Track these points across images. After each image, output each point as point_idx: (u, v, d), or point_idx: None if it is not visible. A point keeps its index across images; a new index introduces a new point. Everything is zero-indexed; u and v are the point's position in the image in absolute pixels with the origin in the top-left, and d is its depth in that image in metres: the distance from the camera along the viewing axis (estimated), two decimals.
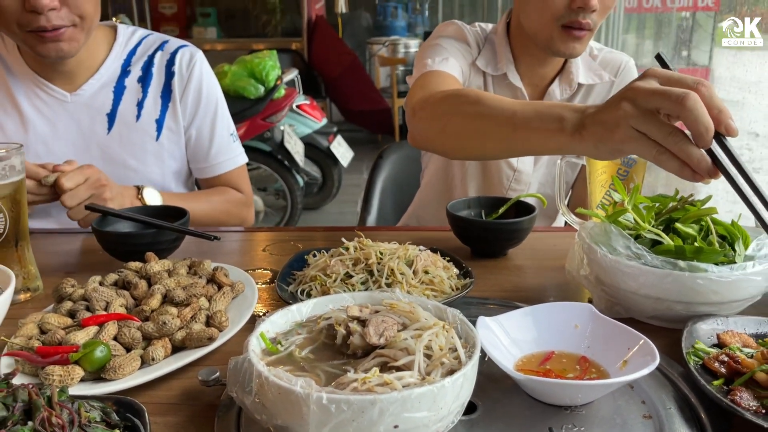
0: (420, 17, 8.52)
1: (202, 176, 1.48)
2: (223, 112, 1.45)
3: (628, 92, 0.71)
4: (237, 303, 0.86)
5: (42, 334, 0.75)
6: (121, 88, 1.35)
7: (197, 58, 1.42)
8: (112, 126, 1.34)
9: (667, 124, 0.68)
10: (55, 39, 1.17)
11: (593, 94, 1.41)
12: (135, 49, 1.39)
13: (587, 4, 1.17)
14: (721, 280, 0.76)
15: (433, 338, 0.63)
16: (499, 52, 1.37)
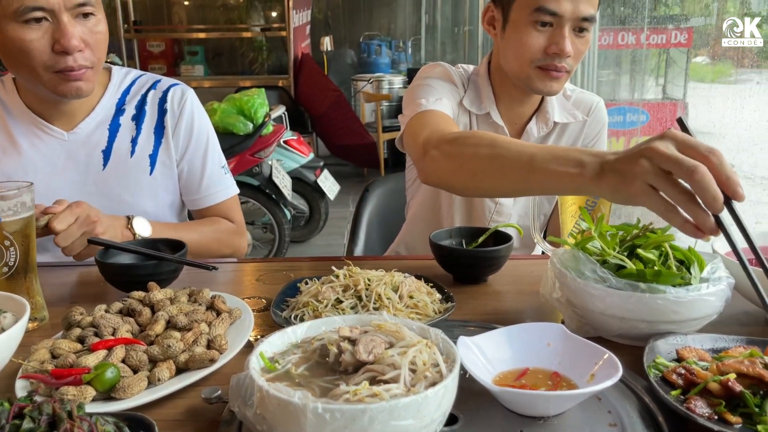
0: (403, 54, 8.73)
1: (194, 207, 1.54)
2: (213, 146, 1.52)
3: (647, 151, 0.76)
4: (235, 328, 0.92)
5: (54, 358, 0.80)
6: (116, 125, 1.42)
7: (188, 95, 1.48)
8: (107, 162, 1.40)
9: (679, 186, 0.75)
10: (77, 78, 1.24)
11: (567, 132, 1.51)
12: (129, 88, 1.46)
13: (562, 52, 1.28)
14: (679, 300, 0.83)
15: (417, 354, 0.69)
16: (482, 92, 1.46)
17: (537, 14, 1.27)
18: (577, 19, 1.27)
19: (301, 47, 6.76)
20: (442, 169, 1.10)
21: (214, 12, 8.43)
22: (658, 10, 4.20)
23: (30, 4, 1.15)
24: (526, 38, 1.30)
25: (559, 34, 1.28)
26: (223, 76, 7.43)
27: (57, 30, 1.19)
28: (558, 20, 1.27)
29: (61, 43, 1.19)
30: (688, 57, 4.43)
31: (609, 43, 4.10)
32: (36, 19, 1.17)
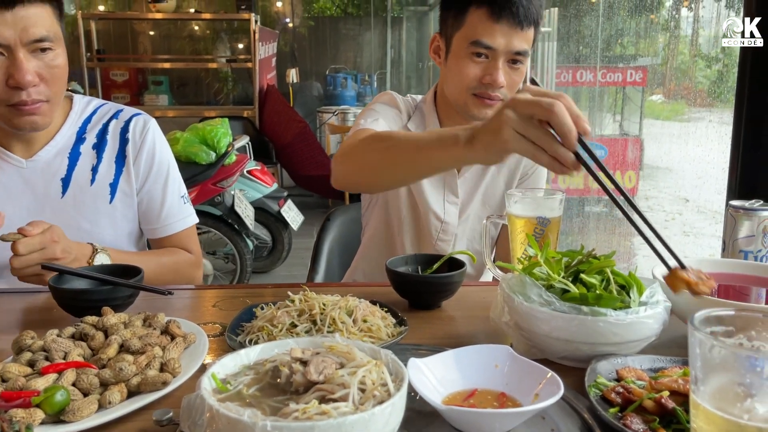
0: (369, 87, 8.86)
1: (152, 236, 1.54)
2: (174, 176, 1.53)
3: (510, 102, 0.88)
4: (189, 352, 0.92)
5: (2, 382, 0.80)
6: (76, 154, 1.42)
7: (150, 125, 1.50)
8: (66, 190, 1.40)
9: (540, 128, 0.85)
10: (31, 113, 1.26)
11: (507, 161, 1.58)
12: (90, 117, 1.46)
13: (495, 82, 1.37)
14: (619, 323, 0.87)
15: (366, 374, 0.71)
16: (426, 118, 1.55)
17: (473, 47, 1.37)
18: (510, 52, 1.37)
19: (267, 79, 6.81)
20: (348, 170, 1.26)
21: (179, 42, 8.46)
22: (614, 50, 4.36)
23: None
24: (464, 68, 1.39)
25: (493, 66, 1.37)
26: (188, 106, 7.42)
27: (12, 65, 1.20)
28: (492, 53, 1.36)
29: (15, 78, 1.20)
30: (644, 95, 4.60)
31: (568, 81, 4.23)
32: None
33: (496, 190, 1.59)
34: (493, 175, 1.58)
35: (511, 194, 1.18)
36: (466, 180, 1.57)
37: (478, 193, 1.58)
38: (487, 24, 1.35)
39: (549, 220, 1.13)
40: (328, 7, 9.56)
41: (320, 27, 9.15)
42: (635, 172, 4.46)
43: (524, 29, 1.35)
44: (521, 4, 1.33)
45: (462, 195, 1.57)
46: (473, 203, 1.58)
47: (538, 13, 1.38)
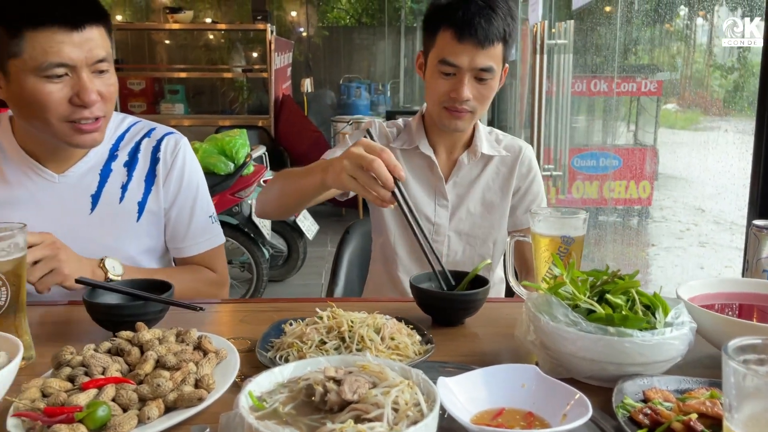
0: (382, 96, 8.91)
1: (178, 255, 1.55)
2: (203, 196, 1.55)
3: (346, 154, 1.15)
4: (221, 368, 0.95)
5: (44, 397, 0.82)
6: (108, 171, 1.45)
7: (182, 144, 1.52)
8: (95, 206, 1.43)
9: (366, 174, 1.13)
10: (93, 130, 1.30)
11: (499, 169, 1.69)
12: (123, 135, 1.49)
13: (459, 97, 1.49)
14: (645, 344, 0.89)
15: (399, 394, 0.73)
16: (414, 133, 1.68)
17: (441, 65, 1.49)
18: (474, 69, 1.48)
19: (282, 88, 6.87)
20: (264, 201, 1.55)
21: (195, 52, 8.56)
22: (629, 60, 4.36)
23: (55, 61, 1.21)
24: (434, 84, 1.53)
25: (459, 82, 1.49)
26: (203, 115, 7.49)
27: (77, 84, 1.24)
28: (458, 70, 1.48)
29: (81, 97, 1.24)
30: (658, 104, 4.59)
31: (582, 90, 4.23)
32: (58, 75, 1.22)
33: (492, 195, 1.69)
34: (487, 182, 1.69)
35: (535, 213, 1.19)
36: (454, 185, 1.68)
37: (469, 197, 1.68)
38: (452, 44, 1.46)
39: (573, 239, 1.15)
40: (343, 17, 9.63)
41: (334, 37, 9.22)
42: (650, 182, 4.45)
43: (486, 47, 1.46)
44: (481, 26, 1.44)
45: (452, 198, 1.69)
46: (464, 207, 1.68)
47: (505, 30, 1.47)
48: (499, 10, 1.47)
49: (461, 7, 1.46)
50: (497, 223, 1.70)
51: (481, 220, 1.69)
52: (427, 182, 1.69)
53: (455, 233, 1.70)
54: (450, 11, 1.47)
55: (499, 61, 1.51)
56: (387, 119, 6.87)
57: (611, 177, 4.26)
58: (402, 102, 9.11)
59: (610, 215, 4.54)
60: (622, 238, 4.48)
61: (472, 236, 1.70)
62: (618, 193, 4.26)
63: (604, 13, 3.89)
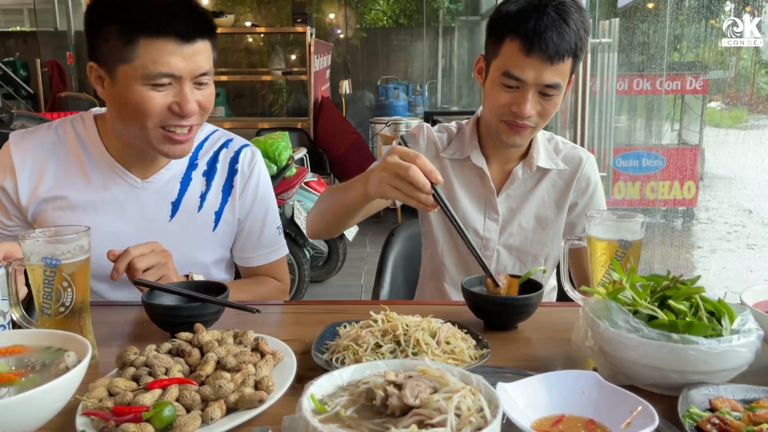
0: (420, 98, 8.90)
1: (246, 265, 1.58)
2: (273, 209, 1.58)
3: (383, 164, 1.16)
4: (278, 369, 0.96)
5: (111, 396, 0.84)
6: (188, 179, 1.47)
7: (257, 158, 1.55)
8: (175, 214, 1.45)
9: (404, 181, 1.13)
10: (184, 141, 1.32)
11: (555, 183, 1.61)
12: (202, 144, 1.51)
13: (522, 113, 1.41)
14: (711, 351, 0.86)
15: (462, 400, 0.72)
16: (467, 141, 1.61)
17: (504, 77, 1.41)
18: (540, 85, 1.39)
19: (321, 90, 6.92)
20: (312, 221, 1.52)
21: (236, 55, 8.69)
22: (674, 57, 4.26)
23: (163, 71, 1.24)
24: (495, 95, 1.45)
25: (522, 97, 1.41)
26: (244, 118, 7.60)
27: (179, 94, 1.27)
28: (522, 84, 1.40)
29: (182, 106, 1.27)
30: (704, 103, 4.48)
31: (625, 89, 4.16)
32: (163, 83, 1.25)
33: (546, 211, 1.61)
34: (542, 196, 1.60)
35: (591, 216, 1.18)
36: (506, 198, 1.60)
37: (523, 210, 1.60)
38: (519, 57, 1.38)
39: (630, 243, 1.12)
40: (380, 18, 9.65)
41: (372, 38, 9.25)
42: (695, 182, 4.34)
43: (555, 63, 1.37)
44: (552, 40, 1.35)
45: (503, 212, 1.61)
46: (516, 221, 1.60)
47: (576, 45, 1.38)
48: (572, 23, 1.37)
49: (533, 17, 1.36)
50: (550, 240, 1.62)
51: (534, 236, 1.61)
52: (477, 194, 1.62)
53: (505, 248, 1.62)
54: (520, 21, 1.37)
55: (566, 77, 1.42)
56: (425, 120, 6.85)
57: (655, 177, 4.18)
58: (440, 103, 9.09)
59: (653, 216, 4.44)
60: (666, 239, 4.38)
61: (523, 252, 1.62)
62: (661, 194, 4.17)
63: (650, 10, 3.81)
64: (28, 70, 8.50)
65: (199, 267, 1.44)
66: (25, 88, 8.12)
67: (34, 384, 0.77)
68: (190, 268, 1.42)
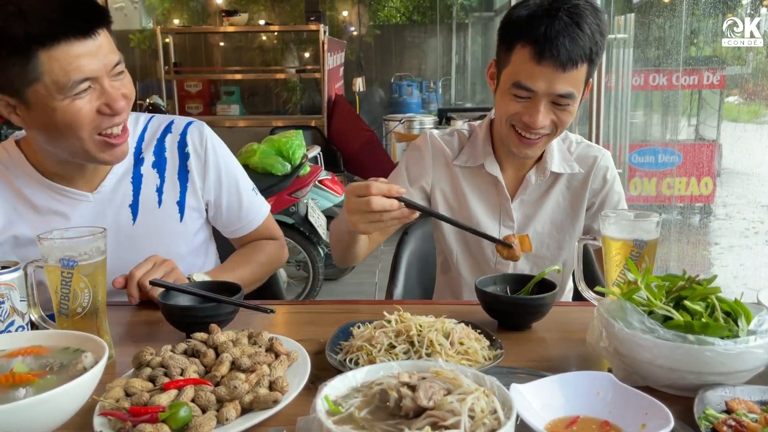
0: (433, 95, 8.87)
1: (238, 235, 1.57)
2: (241, 174, 1.54)
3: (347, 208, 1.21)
4: (292, 369, 0.96)
5: (127, 396, 0.85)
6: (138, 177, 1.41)
7: (206, 133, 1.47)
8: (136, 216, 1.40)
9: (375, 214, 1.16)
10: (121, 142, 1.26)
11: (570, 185, 1.56)
12: (142, 134, 1.44)
13: (533, 124, 1.36)
14: (727, 353, 0.86)
15: (475, 402, 0.73)
16: (478, 146, 1.56)
17: (514, 88, 1.36)
18: (552, 95, 1.34)
19: (335, 88, 6.92)
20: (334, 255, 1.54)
21: (250, 54, 8.71)
22: (691, 52, 4.22)
23: (78, 78, 1.15)
24: (505, 105, 1.39)
25: (534, 108, 1.35)
26: (258, 116, 7.61)
27: (102, 94, 1.19)
28: (533, 95, 1.34)
29: (111, 106, 1.20)
30: (721, 97, 4.43)
31: (640, 84, 4.12)
32: (83, 89, 1.17)
33: (561, 214, 1.57)
34: (556, 199, 1.57)
35: (606, 215, 1.17)
36: (521, 203, 1.57)
37: (538, 216, 1.57)
38: (529, 65, 1.32)
39: (646, 243, 1.12)
40: (394, 15, 9.63)
41: (386, 35, 9.23)
42: (712, 178, 4.30)
43: (567, 71, 1.30)
44: (564, 46, 1.28)
45: (518, 218, 1.57)
46: (531, 227, 1.57)
47: (591, 50, 1.32)
48: (586, 27, 1.30)
49: (544, 22, 1.29)
50: (567, 243, 1.58)
51: (550, 240, 1.58)
52: (490, 202, 1.58)
53: (522, 254, 1.55)
54: (530, 26, 1.31)
55: (581, 84, 1.36)
56: (438, 117, 6.75)
57: (671, 174, 4.14)
58: (454, 99, 9.05)
59: (670, 213, 4.40)
60: (683, 237, 4.35)
61: (540, 257, 1.59)
62: (678, 191, 4.13)
63: (666, 5, 3.77)
64: None
65: (178, 259, 1.36)
66: None
67: (53, 385, 0.79)
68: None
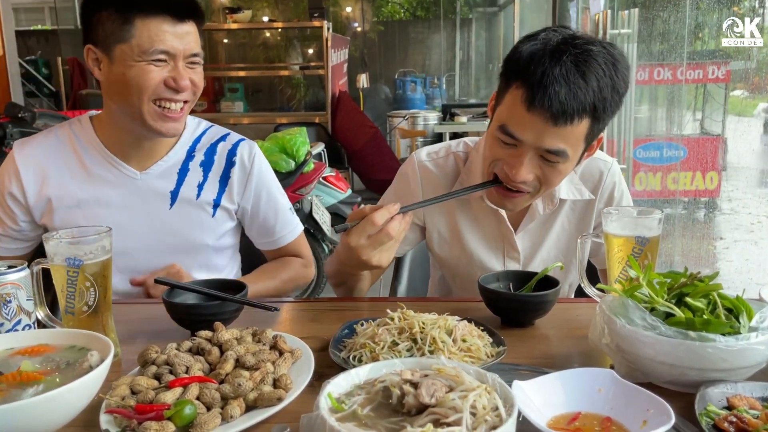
0: (437, 91, 8.86)
1: (270, 248, 1.67)
2: (282, 193, 1.67)
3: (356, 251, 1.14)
4: (296, 367, 0.97)
5: (133, 394, 0.86)
6: (185, 170, 1.54)
7: (255, 150, 1.62)
8: (174, 203, 1.52)
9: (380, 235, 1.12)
10: (176, 119, 1.41)
11: (570, 203, 1.45)
12: (200, 137, 1.59)
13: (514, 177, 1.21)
14: (729, 349, 0.86)
15: (477, 399, 0.73)
16: (475, 174, 1.40)
17: (500, 132, 1.21)
18: (539, 148, 1.19)
19: (339, 84, 6.92)
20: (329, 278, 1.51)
21: (254, 51, 8.72)
22: (694, 45, 4.20)
23: (160, 47, 1.34)
24: (489, 147, 1.26)
25: (518, 158, 1.21)
26: (262, 113, 7.63)
27: (173, 70, 1.37)
28: (520, 144, 1.20)
29: (177, 81, 1.36)
30: (726, 91, 4.42)
31: (645, 79, 4.11)
32: (159, 59, 1.35)
33: (569, 238, 1.47)
34: (562, 224, 1.46)
35: (608, 212, 1.17)
36: (526, 233, 1.46)
37: (544, 245, 1.47)
38: (519, 110, 1.16)
39: (648, 240, 1.12)
40: (397, 11, 9.62)
41: (389, 31, 9.22)
42: (717, 172, 4.29)
43: (559, 125, 1.14)
44: (558, 96, 1.11)
45: (523, 248, 1.47)
46: (539, 256, 1.48)
47: (595, 105, 1.14)
48: (593, 77, 1.13)
49: (544, 64, 1.13)
50: (574, 267, 1.42)
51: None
52: (491, 234, 1.47)
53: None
54: (529, 66, 1.15)
55: (579, 142, 1.20)
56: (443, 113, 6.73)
57: (676, 168, 4.13)
58: (458, 95, 9.05)
59: (675, 208, 4.40)
60: (688, 231, 4.34)
61: None
62: (683, 185, 4.13)
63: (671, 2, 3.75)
64: (49, 68, 8.62)
65: (203, 249, 1.54)
66: (47, 86, 8.24)
67: (59, 383, 0.80)
68: (194, 250, 1.53)
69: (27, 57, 8.36)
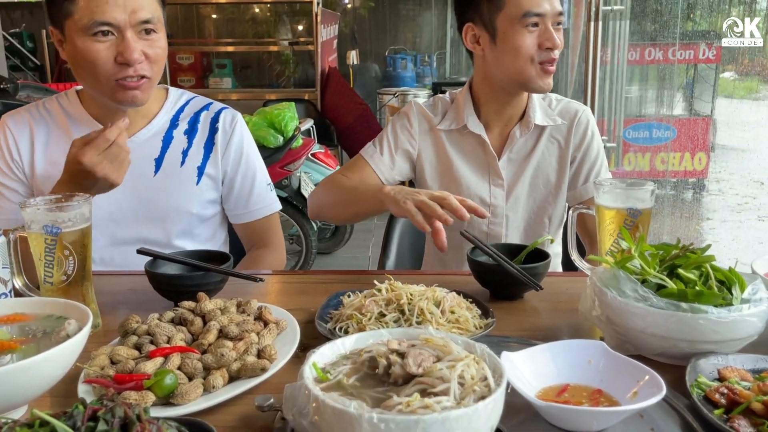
0: (428, 68, 8.78)
1: (239, 221, 1.62)
2: (261, 166, 1.63)
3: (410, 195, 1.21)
4: (281, 338, 0.95)
5: (113, 364, 0.84)
6: (169, 138, 1.52)
7: (238, 119, 1.60)
8: (158, 170, 1.50)
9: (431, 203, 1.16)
10: (134, 88, 1.35)
11: (553, 139, 1.60)
12: (183, 107, 1.57)
13: (554, 44, 1.45)
14: (720, 321, 0.85)
15: (465, 369, 0.71)
16: (460, 108, 1.60)
17: (525, 19, 1.44)
18: (555, 14, 1.45)
19: (328, 61, 6.83)
20: (320, 206, 1.58)
21: (242, 26, 8.58)
22: (686, 26, 4.18)
23: (99, 19, 1.28)
24: (522, 41, 1.45)
25: (548, 31, 1.45)
26: (251, 89, 7.53)
27: (121, 44, 1.30)
28: (542, 20, 1.44)
29: (124, 55, 1.30)
30: (717, 73, 4.40)
31: (636, 59, 4.08)
32: (103, 32, 1.29)
33: (548, 168, 1.60)
34: (542, 153, 1.59)
35: (600, 184, 1.15)
36: (509, 162, 1.60)
37: (526, 174, 1.60)
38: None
39: (640, 212, 1.10)
40: None
41: (380, 8, 9.09)
42: (705, 153, 4.29)
43: None
44: None
45: (507, 176, 1.60)
46: (521, 183, 1.60)
47: None
48: None
49: None
50: (553, 198, 1.60)
51: (539, 195, 1.60)
52: (478, 162, 1.61)
53: (513, 212, 1.61)
54: None
55: None
56: (433, 91, 6.75)
57: (665, 149, 4.13)
58: (449, 73, 8.97)
59: (663, 188, 4.41)
60: (676, 211, 4.35)
61: (531, 212, 1.61)
62: (672, 165, 4.13)
63: None
64: (34, 42, 8.44)
65: (187, 216, 1.51)
66: (31, 59, 8.08)
67: (35, 351, 0.77)
68: (177, 217, 1.50)
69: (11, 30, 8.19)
